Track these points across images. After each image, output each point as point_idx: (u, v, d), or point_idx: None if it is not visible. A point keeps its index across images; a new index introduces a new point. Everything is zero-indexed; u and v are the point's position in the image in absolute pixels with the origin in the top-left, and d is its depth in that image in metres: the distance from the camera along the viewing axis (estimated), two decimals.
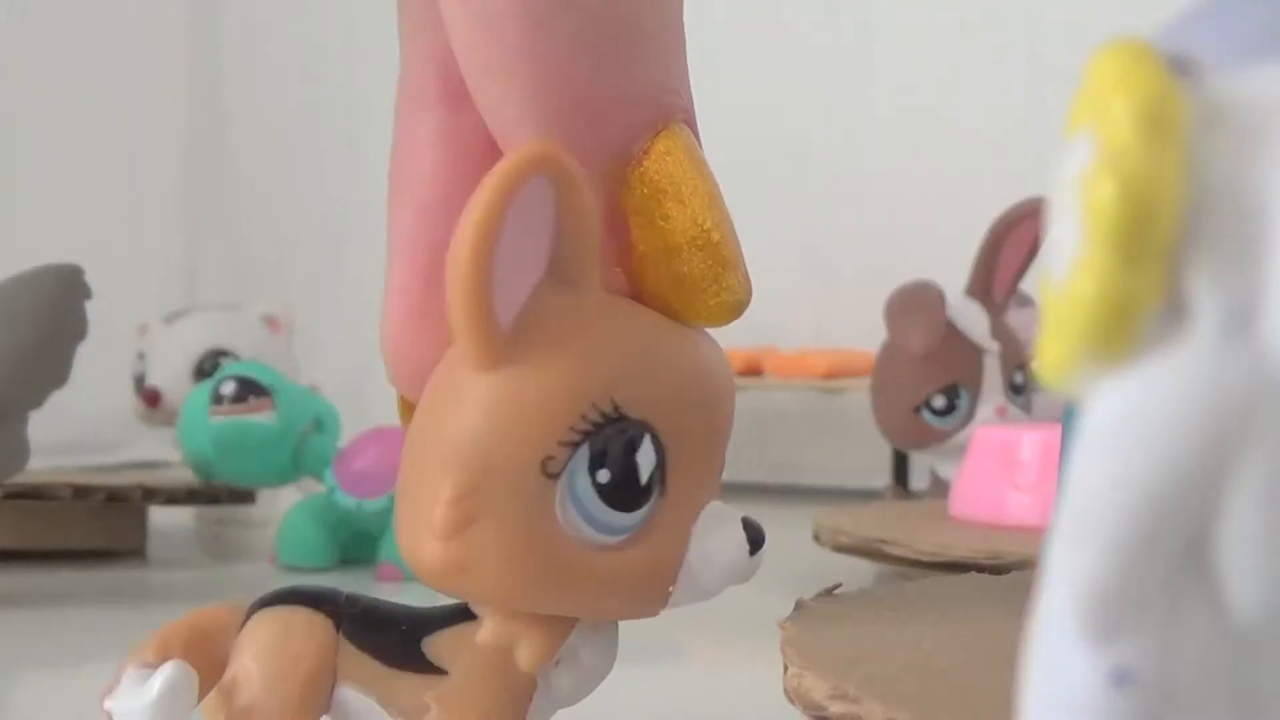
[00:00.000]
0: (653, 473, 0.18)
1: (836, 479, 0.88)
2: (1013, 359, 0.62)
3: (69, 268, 0.45)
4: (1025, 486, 0.48)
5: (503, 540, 0.17)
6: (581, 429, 0.17)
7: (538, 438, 0.17)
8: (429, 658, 0.19)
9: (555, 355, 0.17)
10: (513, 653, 0.19)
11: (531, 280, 0.17)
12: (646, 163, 0.18)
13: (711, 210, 0.18)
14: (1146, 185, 0.10)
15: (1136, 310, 0.10)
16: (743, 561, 0.19)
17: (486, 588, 0.18)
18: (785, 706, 0.22)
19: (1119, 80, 0.10)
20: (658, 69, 0.18)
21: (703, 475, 0.19)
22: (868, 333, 0.68)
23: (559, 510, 0.17)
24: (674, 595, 0.18)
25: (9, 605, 0.46)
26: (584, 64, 0.17)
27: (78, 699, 0.36)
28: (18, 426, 0.44)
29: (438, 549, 0.17)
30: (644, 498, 0.18)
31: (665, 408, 0.18)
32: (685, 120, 0.19)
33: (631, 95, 0.18)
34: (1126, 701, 0.10)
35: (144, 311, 0.82)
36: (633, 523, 0.18)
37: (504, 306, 0.17)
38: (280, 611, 0.20)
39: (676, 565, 0.18)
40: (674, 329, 0.19)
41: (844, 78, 0.97)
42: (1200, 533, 0.10)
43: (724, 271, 0.19)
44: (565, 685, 0.19)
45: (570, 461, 0.17)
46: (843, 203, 0.97)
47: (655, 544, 0.18)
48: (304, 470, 0.55)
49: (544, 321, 0.17)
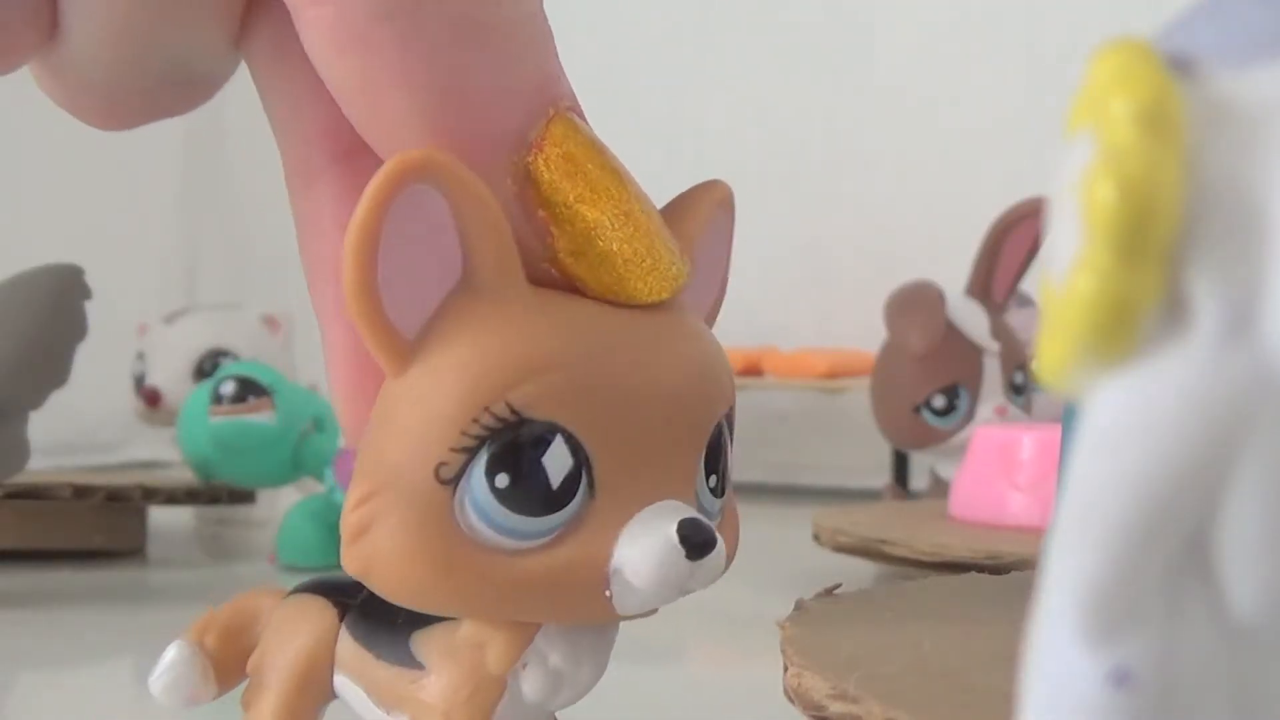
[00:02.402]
0: (568, 474, 0.17)
1: (836, 479, 0.88)
2: (1013, 359, 0.62)
3: (69, 268, 0.45)
4: (1025, 486, 0.48)
5: (397, 545, 0.17)
6: (474, 433, 0.17)
7: (430, 444, 0.17)
8: (414, 652, 0.19)
9: (449, 358, 0.17)
10: (484, 651, 0.19)
11: (443, 288, 0.17)
12: (547, 147, 0.18)
13: (624, 187, 0.18)
14: (1146, 185, 0.10)
15: (1136, 310, 0.10)
16: (675, 562, 0.17)
17: (391, 590, 0.18)
18: (785, 706, 0.22)
19: (1119, 80, 0.10)
20: (535, 59, 0.18)
21: (645, 475, 0.18)
22: (868, 333, 0.68)
23: (459, 515, 0.17)
24: (615, 600, 0.18)
25: (9, 605, 0.46)
26: (460, 59, 0.17)
27: (78, 699, 0.36)
28: (18, 426, 0.44)
29: (348, 550, 0.18)
30: (559, 501, 0.17)
31: (584, 407, 0.17)
32: (572, 109, 0.18)
33: (515, 85, 0.18)
34: (1126, 701, 0.10)
35: (144, 311, 0.82)
36: (547, 527, 0.17)
37: (407, 315, 0.17)
38: (299, 599, 0.21)
39: (602, 569, 0.17)
40: (601, 325, 0.18)
41: (844, 78, 0.98)
42: (1200, 533, 0.10)
43: (653, 243, 0.18)
44: (535, 689, 0.19)
45: (468, 466, 0.17)
46: (843, 203, 0.97)
47: (577, 547, 0.17)
48: (304, 470, 0.55)
49: (446, 327, 0.17)
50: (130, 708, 0.35)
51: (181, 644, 0.22)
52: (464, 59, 0.17)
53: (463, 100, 0.17)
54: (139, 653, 0.42)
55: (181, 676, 0.21)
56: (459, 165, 0.17)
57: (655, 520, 0.18)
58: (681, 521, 0.17)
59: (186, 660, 0.21)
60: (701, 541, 0.17)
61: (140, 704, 0.35)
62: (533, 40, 0.18)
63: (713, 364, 0.19)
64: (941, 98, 0.93)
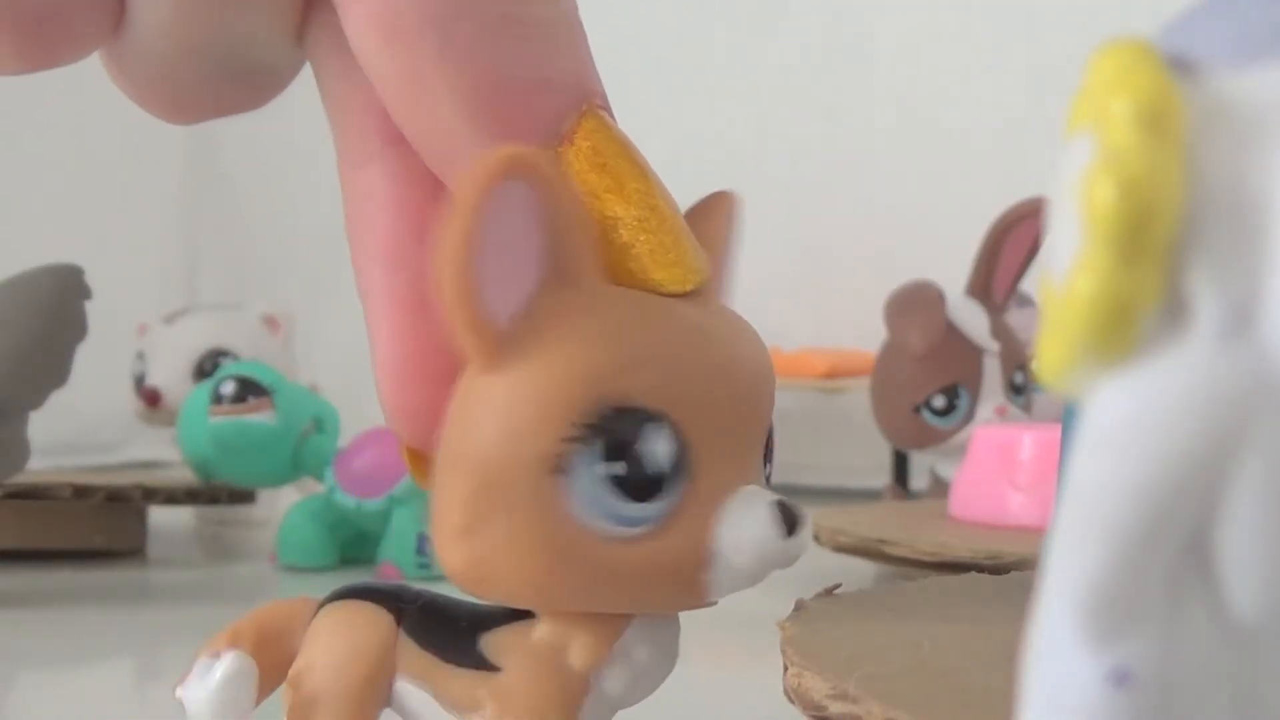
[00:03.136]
0: (673, 461, 0.18)
1: (836, 479, 0.88)
2: (1013, 359, 0.62)
3: (69, 268, 0.45)
4: (1025, 486, 0.48)
5: (513, 539, 0.17)
6: (586, 423, 0.17)
7: (542, 435, 0.17)
8: (485, 654, 0.19)
9: (555, 351, 0.17)
10: (566, 652, 0.19)
11: (530, 282, 0.18)
12: (578, 140, 0.18)
13: (649, 183, 0.19)
14: (1146, 186, 0.10)
15: (1136, 310, 0.10)
16: (774, 542, 0.18)
17: (505, 588, 0.18)
18: (785, 706, 0.22)
19: (1119, 81, 0.10)
20: (570, 55, 0.19)
21: (732, 461, 0.19)
22: (868, 333, 0.68)
23: (572, 506, 0.17)
24: (713, 583, 0.18)
25: (9, 605, 0.46)
26: (499, 53, 0.18)
27: (78, 699, 0.36)
28: (18, 426, 0.44)
29: (454, 551, 0.18)
30: (663, 487, 0.18)
31: (681, 395, 0.18)
32: (603, 107, 0.19)
33: (551, 80, 0.18)
34: (1126, 702, 0.10)
35: (144, 311, 0.82)
36: (654, 513, 0.18)
37: (500, 308, 0.17)
38: (346, 606, 0.21)
39: (705, 552, 0.18)
40: (685, 317, 0.19)
41: (845, 78, 0.98)
42: (1200, 533, 0.10)
43: (678, 238, 0.19)
44: (619, 685, 0.19)
45: (579, 456, 0.17)
46: (843, 203, 0.97)
47: (680, 532, 0.18)
48: (304, 470, 0.55)
49: (544, 320, 0.18)
50: (130, 708, 0.35)
51: (238, 657, 0.20)
52: (503, 53, 0.18)
53: (501, 93, 0.18)
54: (139, 653, 0.42)
55: (240, 693, 0.20)
56: (549, 164, 0.17)
57: (750, 502, 0.18)
58: (774, 501, 0.18)
59: (245, 675, 0.20)
60: (794, 519, 0.18)
61: (140, 704, 0.35)
62: (568, 37, 0.19)
63: (768, 358, 0.20)
64: (942, 98, 0.93)
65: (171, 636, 0.43)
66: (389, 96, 0.18)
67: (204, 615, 0.23)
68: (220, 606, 0.22)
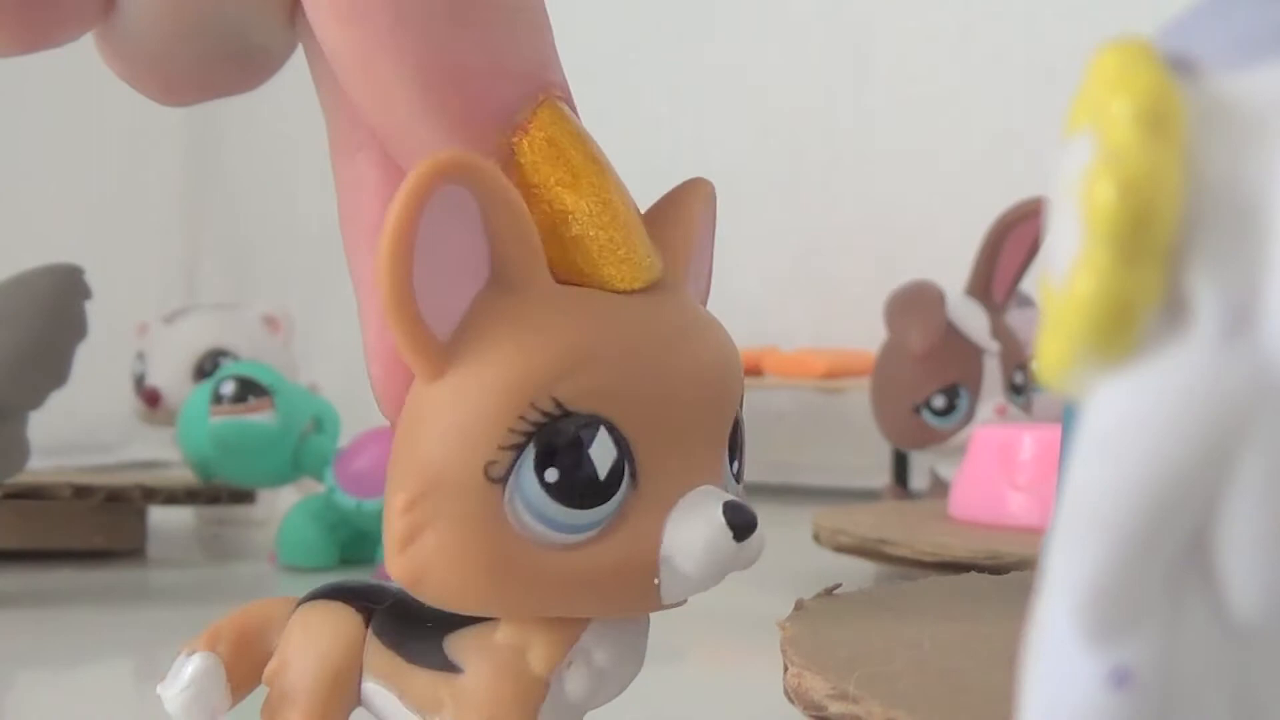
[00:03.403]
0: (614, 465, 0.17)
1: (836, 479, 0.88)
2: (1013, 359, 0.62)
3: (69, 268, 0.45)
4: (1024, 486, 0.48)
5: (450, 547, 0.17)
6: (522, 430, 0.17)
7: (477, 443, 0.17)
8: (449, 655, 0.19)
9: (492, 359, 0.17)
10: (526, 654, 0.19)
11: (473, 288, 0.17)
12: (532, 130, 0.18)
13: (604, 177, 0.18)
14: (1146, 185, 0.10)
15: (1136, 310, 0.10)
16: (723, 546, 0.18)
17: (445, 594, 0.18)
18: (785, 706, 0.22)
19: (1119, 80, 0.10)
20: (528, 44, 0.18)
21: (685, 461, 0.18)
22: (868, 333, 0.68)
23: (510, 513, 0.17)
24: (662, 588, 0.18)
25: (9, 605, 0.46)
26: (454, 36, 0.18)
27: (78, 699, 0.36)
28: (18, 426, 0.44)
29: (398, 560, 0.18)
30: (606, 492, 0.18)
31: (624, 397, 0.18)
32: (562, 98, 0.19)
33: (507, 67, 0.18)
34: (1126, 702, 0.10)
35: (144, 311, 0.82)
36: (596, 519, 0.18)
37: (440, 317, 0.17)
38: (320, 606, 0.21)
39: (652, 556, 0.18)
40: (633, 315, 0.18)
41: (844, 77, 0.98)
42: (1200, 533, 0.10)
43: (629, 234, 0.18)
44: (579, 687, 0.19)
45: (516, 463, 0.17)
46: (843, 203, 0.97)
47: (627, 536, 0.18)
48: (304, 470, 0.55)
49: (484, 328, 0.17)
50: (130, 708, 0.35)
51: (204, 656, 0.21)
52: (458, 36, 0.18)
53: (454, 77, 0.18)
54: (139, 653, 0.42)
55: (205, 691, 0.21)
56: (490, 166, 0.17)
57: (699, 505, 0.18)
58: (725, 504, 0.18)
59: (211, 673, 0.21)
60: (745, 523, 0.18)
61: (140, 704, 0.35)
62: (527, 25, 0.19)
63: (730, 352, 0.20)
64: (942, 98, 0.93)
65: (171, 636, 0.42)
66: (342, 74, 0.18)
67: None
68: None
